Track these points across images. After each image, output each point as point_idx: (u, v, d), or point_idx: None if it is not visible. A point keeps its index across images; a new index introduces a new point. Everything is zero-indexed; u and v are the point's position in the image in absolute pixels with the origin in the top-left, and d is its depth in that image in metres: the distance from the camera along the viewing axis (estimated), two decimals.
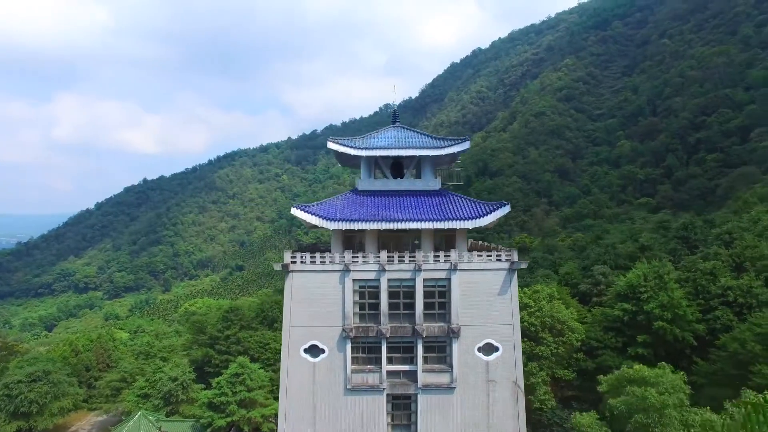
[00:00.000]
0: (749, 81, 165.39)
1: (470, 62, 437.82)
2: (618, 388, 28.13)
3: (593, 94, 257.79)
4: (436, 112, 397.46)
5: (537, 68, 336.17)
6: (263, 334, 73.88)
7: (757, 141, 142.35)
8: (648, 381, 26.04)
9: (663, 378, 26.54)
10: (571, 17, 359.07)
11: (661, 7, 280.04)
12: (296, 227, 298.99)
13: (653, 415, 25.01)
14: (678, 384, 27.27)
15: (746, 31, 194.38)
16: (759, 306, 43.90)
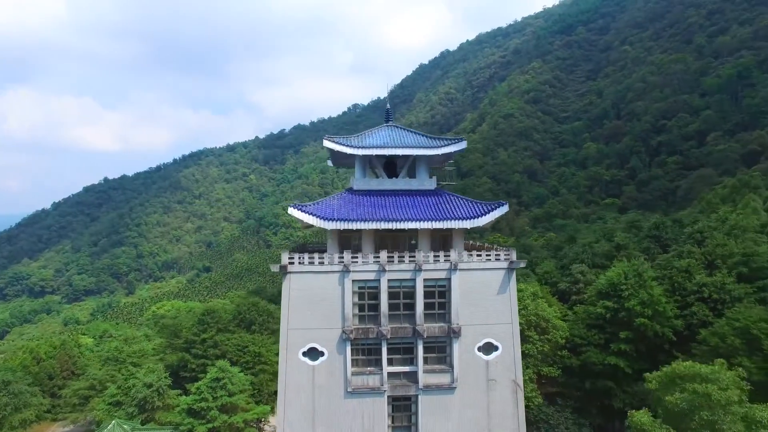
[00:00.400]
0: (704, 88, 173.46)
1: (439, 64, 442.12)
2: (668, 385, 28.49)
3: (559, 97, 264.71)
4: (405, 113, 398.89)
5: (504, 71, 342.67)
6: (241, 337, 72.13)
7: (712, 145, 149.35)
8: (705, 377, 26.38)
9: (720, 374, 26.83)
10: (537, 22, 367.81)
11: (622, 15, 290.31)
12: (265, 228, 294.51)
13: (718, 411, 24.83)
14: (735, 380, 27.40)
15: (700, 40, 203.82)
16: (732, 301, 45.87)
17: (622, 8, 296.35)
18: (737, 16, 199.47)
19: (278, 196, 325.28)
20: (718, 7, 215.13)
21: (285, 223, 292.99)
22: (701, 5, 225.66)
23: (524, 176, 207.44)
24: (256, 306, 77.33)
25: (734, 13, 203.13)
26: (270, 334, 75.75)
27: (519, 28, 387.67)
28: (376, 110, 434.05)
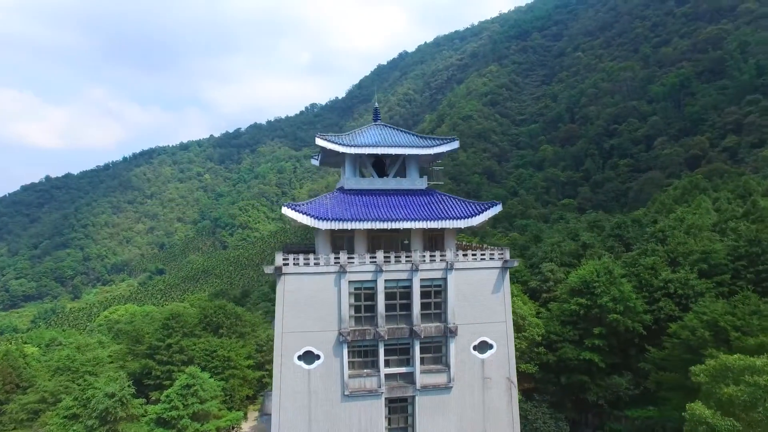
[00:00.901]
0: (651, 95, 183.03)
1: (397, 65, 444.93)
2: (718, 378, 29.18)
3: (516, 100, 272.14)
4: (363, 113, 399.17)
5: (462, 73, 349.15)
6: (209, 342, 69.70)
7: (660, 149, 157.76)
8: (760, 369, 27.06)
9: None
10: (493, 26, 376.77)
11: (574, 23, 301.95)
12: (221, 228, 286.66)
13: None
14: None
15: (645, 50, 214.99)
16: (695, 296, 48.45)
17: (575, 16, 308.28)
18: (678, 29, 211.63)
19: (234, 196, 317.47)
20: (660, 20, 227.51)
21: (242, 223, 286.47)
22: (646, 17, 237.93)
23: (483, 177, 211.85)
24: (223, 309, 74.93)
25: (675, 26, 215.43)
26: (238, 338, 73.63)
27: (476, 31, 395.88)
28: (334, 110, 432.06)
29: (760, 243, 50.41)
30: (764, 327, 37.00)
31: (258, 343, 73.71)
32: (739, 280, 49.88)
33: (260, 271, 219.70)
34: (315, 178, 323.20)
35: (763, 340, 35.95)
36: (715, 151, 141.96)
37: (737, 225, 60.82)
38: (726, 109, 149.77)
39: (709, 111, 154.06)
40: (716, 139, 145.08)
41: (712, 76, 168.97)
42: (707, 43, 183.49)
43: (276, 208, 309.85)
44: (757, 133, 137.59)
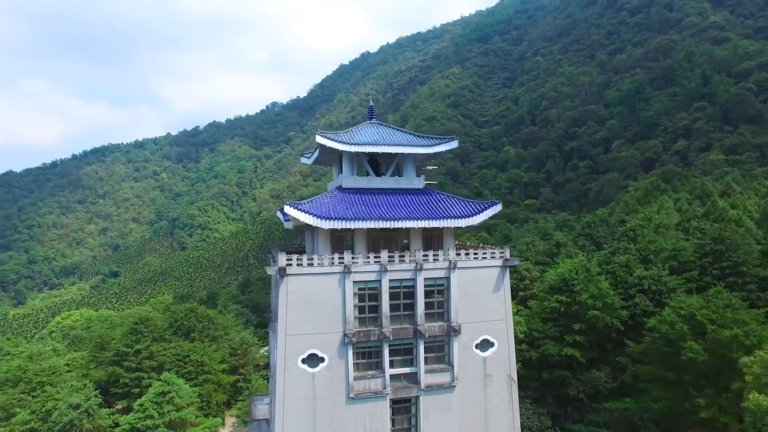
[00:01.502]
0: (608, 99, 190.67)
1: (359, 65, 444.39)
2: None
3: (478, 102, 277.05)
4: (325, 113, 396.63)
5: (424, 75, 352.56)
6: (180, 346, 67.25)
7: (617, 151, 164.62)
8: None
9: None
10: (455, 29, 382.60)
11: (534, 28, 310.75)
12: (179, 229, 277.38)
13: None
14: None
15: (602, 57, 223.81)
16: (668, 292, 50.73)
17: (534, 22, 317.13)
18: (631, 38, 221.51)
19: (193, 195, 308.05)
20: (615, 28, 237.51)
21: (201, 224, 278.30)
22: (601, 26, 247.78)
23: (447, 178, 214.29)
24: (195, 312, 72.50)
25: (628, 35, 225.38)
26: (211, 342, 71.42)
27: (438, 34, 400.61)
28: (296, 109, 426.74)
29: (723, 241, 53.28)
30: (737, 320, 39.08)
31: (231, 347, 71.75)
32: (705, 275, 52.61)
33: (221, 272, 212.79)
34: (276, 178, 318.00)
35: (737, 332, 37.98)
36: (667, 154, 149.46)
37: (699, 224, 64.18)
38: (677, 114, 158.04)
39: (662, 116, 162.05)
40: (668, 143, 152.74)
41: (663, 83, 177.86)
42: (658, 52, 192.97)
43: (236, 208, 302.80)
44: (705, 138, 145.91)
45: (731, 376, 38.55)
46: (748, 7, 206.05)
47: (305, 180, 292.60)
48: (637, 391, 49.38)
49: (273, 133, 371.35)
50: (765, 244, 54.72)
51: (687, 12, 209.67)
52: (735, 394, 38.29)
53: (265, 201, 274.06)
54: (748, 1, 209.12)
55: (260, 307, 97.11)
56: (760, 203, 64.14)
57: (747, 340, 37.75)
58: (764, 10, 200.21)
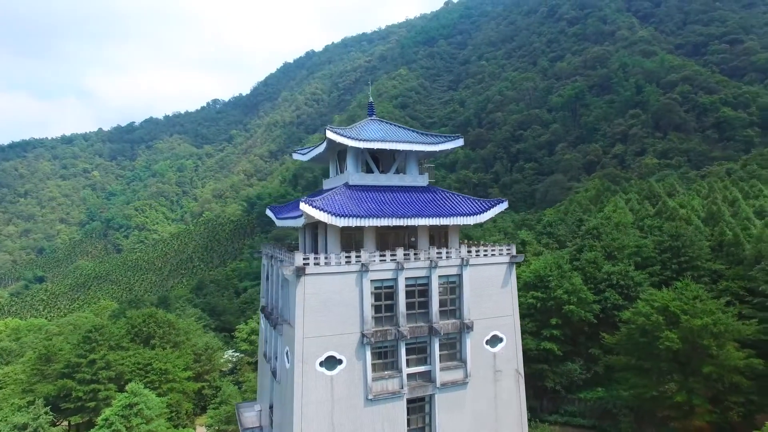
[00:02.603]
0: (551, 104, 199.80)
1: (304, 63, 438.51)
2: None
3: (425, 104, 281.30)
4: (269, 111, 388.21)
5: (370, 75, 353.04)
6: (140, 354, 63.23)
7: (561, 154, 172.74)
8: None
9: None
10: (401, 31, 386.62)
11: (478, 33, 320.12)
12: (114, 230, 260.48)
13: None
14: None
15: (543, 63, 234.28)
16: (635, 286, 53.88)
17: (477, 27, 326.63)
18: (570, 46, 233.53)
19: (129, 195, 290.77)
20: (555, 37, 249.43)
21: (138, 225, 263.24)
22: (542, 33, 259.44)
23: None
24: (154, 317, 68.35)
25: (567, 43, 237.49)
26: (173, 348, 67.68)
27: (383, 35, 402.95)
28: (238, 107, 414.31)
29: (680, 238, 57.30)
30: (705, 310, 42.11)
31: (195, 352, 68.37)
32: (666, 270, 56.32)
33: (163, 275, 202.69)
34: (218, 177, 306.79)
35: (706, 320, 40.93)
36: (607, 157, 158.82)
37: (652, 222, 68.63)
38: (614, 120, 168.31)
39: (601, 122, 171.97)
40: (608, 147, 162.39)
41: (601, 91, 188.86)
42: (595, 61, 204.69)
43: (176, 209, 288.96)
44: (639, 143, 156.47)
45: (701, 361, 41.50)
46: (669, 25, 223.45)
47: (249, 179, 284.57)
48: (609, 381, 52.02)
49: (214, 131, 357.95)
50: (712, 241, 59.34)
51: (619, 25, 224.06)
52: (704, 378, 41.26)
53: (207, 201, 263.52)
54: (669, 19, 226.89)
55: (217, 311, 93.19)
56: (703, 203, 69.64)
57: (715, 328, 40.75)
58: (682, 29, 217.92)
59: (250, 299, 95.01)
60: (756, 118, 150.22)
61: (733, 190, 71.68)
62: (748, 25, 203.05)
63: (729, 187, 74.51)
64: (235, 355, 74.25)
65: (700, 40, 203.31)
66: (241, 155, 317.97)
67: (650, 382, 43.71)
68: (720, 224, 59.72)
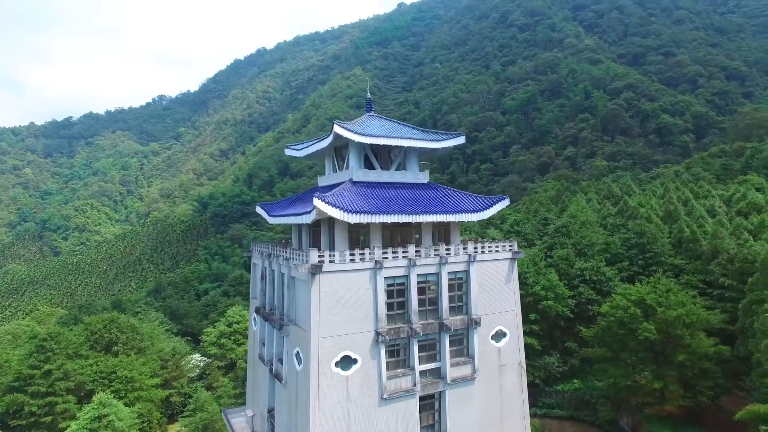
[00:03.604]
0: (504, 107, 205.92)
1: (255, 61, 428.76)
2: None
3: (380, 105, 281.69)
4: (219, 109, 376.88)
5: (324, 74, 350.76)
6: (103, 361, 59.39)
7: (515, 156, 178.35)
8: None
9: None
10: (354, 31, 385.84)
11: (431, 36, 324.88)
12: (51, 232, 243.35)
13: None
14: None
15: (496, 67, 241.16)
16: (607, 281, 56.32)
17: (431, 29, 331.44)
18: (521, 52, 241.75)
19: (67, 194, 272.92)
20: (506, 42, 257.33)
21: (78, 226, 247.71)
22: (494, 38, 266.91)
23: None
24: (116, 322, 64.39)
25: (519, 49, 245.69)
26: (138, 354, 64.08)
27: (336, 34, 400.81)
28: (186, 103, 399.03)
29: (644, 235, 60.51)
30: (678, 302, 44.64)
31: (162, 358, 64.98)
32: (633, 265, 59.27)
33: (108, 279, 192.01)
34: (166, 176, 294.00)
35: (680, 311, 43.41)
36: (559, 159, 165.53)
37: (615, 221, 72.06)
38: (565, 124, 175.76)
39: (553, 125, 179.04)
40: (560, 149, 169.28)
41: (552, 95, 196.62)
42: (546, 67, 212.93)
43: (120, 209, 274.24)
44: (589, 146, 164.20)
45: (675, 350, 43.95)
46: (611, 35, 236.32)
47: (199, 179, 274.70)
48: (584, 373, 54.14)
49: (161, 128, 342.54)
50: (672, 238, 63.04)
51: (566, 34, 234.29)
52: (678, 365, 43.71)
53: (154, 201, 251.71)
54: (611, 30, 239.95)
55: (178, 314, 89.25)
56: (660, 203, 74.00)
57: (688, 318, 43.30)
58: (623, 40, 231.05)
59: (213, 302, 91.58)
60: (690, 125, 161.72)
61: (685, 190, 76.70)
62: (679, 40, 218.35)
63: (680, 188, 79.65)
64: (203, 359, 71.32)
65: (639, 51, 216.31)
66: (190, 153, 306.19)
67: (627, 371, 45.79)
68: (679, 222, 63.59)
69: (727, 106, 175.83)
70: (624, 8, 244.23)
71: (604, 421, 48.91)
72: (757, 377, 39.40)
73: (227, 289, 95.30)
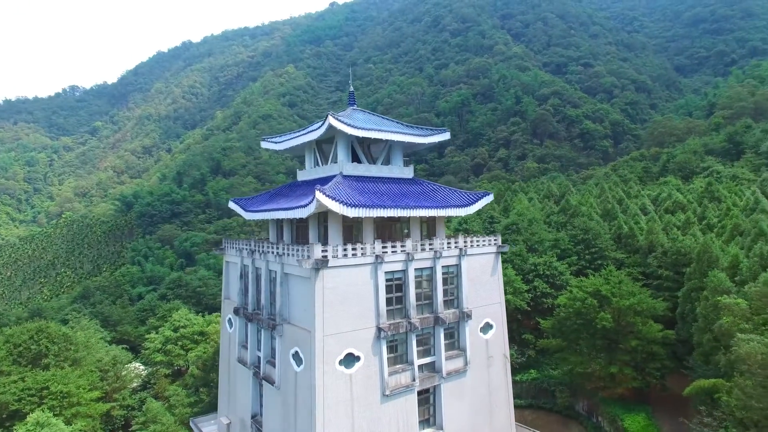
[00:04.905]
0: (439, 109, 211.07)
1: (180, 54, 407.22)
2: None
3: (313, 104, 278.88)
4: (140, 103, 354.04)
5: (254, 71, 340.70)
6: (31, 377, 53.30)
7: (450, 157, 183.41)
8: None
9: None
10: (285, 28, 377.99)
11: (364, 36, 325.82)
12: None
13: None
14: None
15: (429, 70, 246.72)
16: (559, 275, 59.27)
17: (363, 30, 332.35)
18: (453, 56, 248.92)
19: None
20: (439, 46, 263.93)
21: None
22: (427, 42, 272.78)
23: (288, 177, 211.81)
24: (46, 332, 57.98)
25: (451, 53, 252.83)
26: (72, 365, 58.23)
27: (267, 30, 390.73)
28: (103, 96, 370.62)
29: (589, 231, 64.51)
30: (630, 292, 47.98)
31: (101, 369, 59.51)
32: (581, 260, 62.94)
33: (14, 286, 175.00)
34: (81, 173, 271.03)
35: (633, 301, 46.69)
36: (492, 160, 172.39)
37: (559, 218, 76.20)
38: (498, 127, 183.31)
39: (485, 127, 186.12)
40: (493, 151, 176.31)
41: (484, 99, 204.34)
42: (478, 72, 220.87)
43: (26, 208, 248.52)
44: (521, 149, 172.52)
45: (628, 336, 47.17)
46: (537, 44, 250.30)
47: (120, 177, 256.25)
48: (540, 363, 56.66)
49: (74, 122, 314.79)
50: (611, 234, 67.74)
51: (496, 41, 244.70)
52: (631, 351, 46.96)
53: (68, 200, 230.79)
54: (536, 39, 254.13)
55: (111, 321, 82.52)
56: (597, 201, 79.40)
57: (639, 306, 46.65)
58: (547, 49, 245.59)
59: (149, 306, 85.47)
60: (609, 131, 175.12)
61: (617, 190, 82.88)
62: (596, 53, 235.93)
63: (613, 188, 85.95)
64: (145, 368, 66.33)
65: (562, 61, 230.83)
66: (109, 150, 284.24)
67: (584, 359, 48.45)
68: (618, 219, 68.51)
69: (638, 115, 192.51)
70: (548, 20, 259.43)
71: (562, 407, 51.43)
72: (698, 357, 43.32)
73: (165, 293, 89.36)
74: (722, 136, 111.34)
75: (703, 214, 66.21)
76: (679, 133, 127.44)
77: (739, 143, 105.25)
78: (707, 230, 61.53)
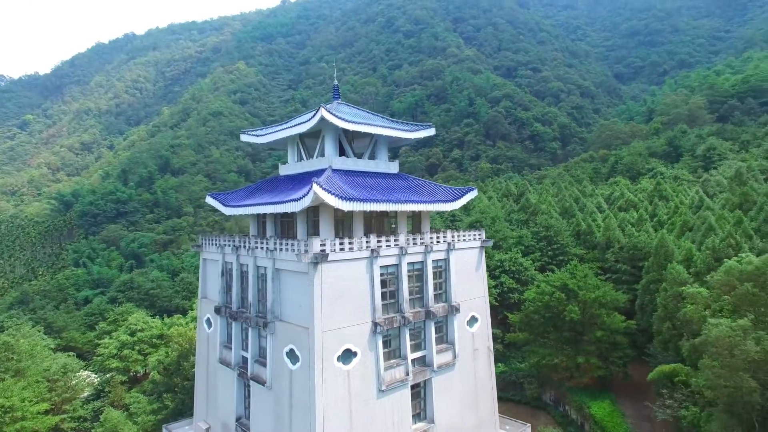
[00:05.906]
0: (393, 110, 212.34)
1: (123, 47, 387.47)
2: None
3: (265, 101, 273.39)
4: (78, 96, 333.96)
5: (203, 67, 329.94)
6: None
7: (405, 156, 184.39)
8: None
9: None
10: (235, 23, 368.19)
11: (317, 35, 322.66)
12: None
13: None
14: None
15: (383, 71, 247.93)
16: (524, 270, 61.01)
17: (316, 29, 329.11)
18: (407, 57, 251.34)
19: None
20: (392, 47, 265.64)
21: None
22: (380, 42, 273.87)
23: (240, 176, 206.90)
24: None
25: (404, 54, 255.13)
26: (14, 376, 53.88)
27: (216, 26, 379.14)
28: (35, 87, 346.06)
29: (551, 228, 66.87)
30: (595, 285, 50.11)
31: (48, 379, 55.39)
32: (544, 256, 65.09)
33: None
34: (9, 170, 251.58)
35: (598, 294, 48.79)
36: (447, 161, 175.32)
37: (519, 216, 78.46)
38: (451, 128, 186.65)
39: (440, 128, 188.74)
40: (447, 151, 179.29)
41: (438, 100, 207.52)
42: (431, 73, 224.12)
43: None
44: (474, 149, 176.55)
45: (592, 327, 49.23)
46: (488, 48, 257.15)
47: (55, 174, 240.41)
48: (506, 357, 58.06)
49: (0, 114, 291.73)
50: (570, 230, 70.56)
51: (449, 43, 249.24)
52: (596, 341, 49.03)
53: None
54: (487, 43, 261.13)
55: (55, 327, 77.14)
56: (555, 200, 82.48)
57: (604, 299, 48.81)
58: (498, 52, 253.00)
59: (98, 310, 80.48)
60: (557, 134, 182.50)
61: (573, 189, 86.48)
62: (544, 58, 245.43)
63: (568, 187, 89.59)
64: (97, 376, 62.41)
65: (512, 65, 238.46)
66: (41, 145, 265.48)
67: (551, 351, 50.15)
68: (576, 217, 71.44)
69: (583, 119, 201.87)
70: (498, 25, 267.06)
71: (530, 398, 52.97)
72: (658, 344, 45.88)
73: (115, 296, 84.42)
74: (663, 140, 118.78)
75: (654, 212, 70.19)
76: (624, 136, 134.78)
77: (677, 147, 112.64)
78: (659, 227, 65.25)
